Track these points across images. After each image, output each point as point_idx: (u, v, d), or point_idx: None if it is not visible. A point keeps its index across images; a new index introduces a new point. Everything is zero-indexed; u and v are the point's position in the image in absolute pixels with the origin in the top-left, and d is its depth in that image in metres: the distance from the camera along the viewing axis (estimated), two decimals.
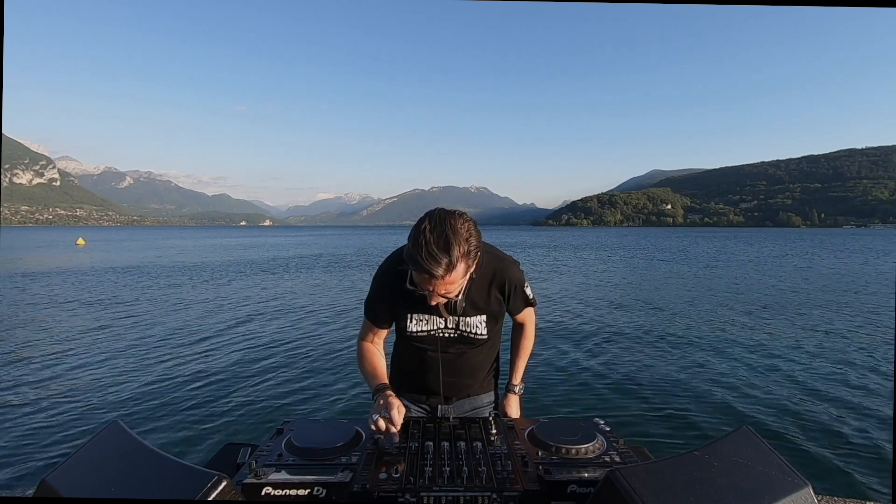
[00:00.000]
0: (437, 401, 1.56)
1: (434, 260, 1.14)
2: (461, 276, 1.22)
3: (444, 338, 1.44)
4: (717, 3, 0.78)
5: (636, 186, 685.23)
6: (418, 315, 1.43)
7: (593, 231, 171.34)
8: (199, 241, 53.30)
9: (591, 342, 7.06)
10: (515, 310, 1.55)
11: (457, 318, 1.42)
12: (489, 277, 1.42)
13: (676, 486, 0.73)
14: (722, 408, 4.51)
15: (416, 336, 1.44)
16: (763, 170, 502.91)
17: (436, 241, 1.15)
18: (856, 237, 73.08)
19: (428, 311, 1.41)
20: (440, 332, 1.44)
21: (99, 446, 0.87)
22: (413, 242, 1.17)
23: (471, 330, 1.43)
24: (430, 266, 1.14)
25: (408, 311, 1.43)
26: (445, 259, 1.15)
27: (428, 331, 1.44)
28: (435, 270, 1.15)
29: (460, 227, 1.18)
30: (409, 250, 1.18)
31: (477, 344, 1.47)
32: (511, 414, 1.60)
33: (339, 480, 0.91)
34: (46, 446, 3.72)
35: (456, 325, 1.43)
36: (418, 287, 1.25)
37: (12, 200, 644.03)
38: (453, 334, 1.44)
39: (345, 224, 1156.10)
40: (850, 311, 9.87)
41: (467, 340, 1.45)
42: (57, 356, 6.27)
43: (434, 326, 1.43)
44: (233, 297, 11.79)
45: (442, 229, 1.17)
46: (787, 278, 16.21)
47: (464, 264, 1.20)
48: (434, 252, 1.14)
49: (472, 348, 1.49)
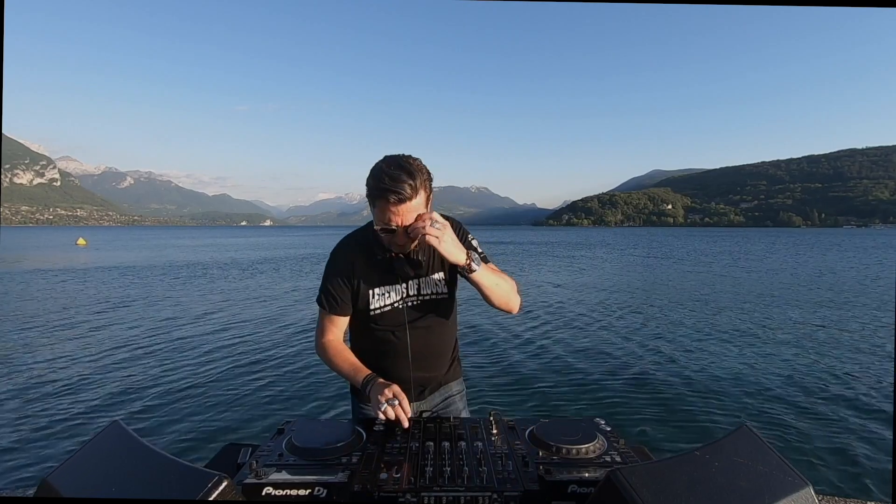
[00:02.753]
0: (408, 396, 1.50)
1: (399, 181, 1.18)
2: (423, 206, 1.25)
3: (409, 307, 1.42)
4: (717, 4, 0.78)
5: (637, 186, 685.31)
6: (381, 289, 1.41)
7: (593, 231, 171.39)
8: (200, 242, 53.35)
9: (592, 342, 7.06)
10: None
11: (417, 282, 1.42)
12: None
13: (676, 485, 0.73)
14: (722, 407, 4.51)
15: (381, 313, 1.42)
16: (763, 170, 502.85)
17: (396, 168, 1.21)
18: (856, 237, 73.05)
19: (390, 282, 1.40)
20: (403, 301, 1.42)
21: (99, 446, 0.87)
22: (374, 177, 1.22)
23: (432, 290, 1.43)
24: (396, 186, 1.18)
25: (370, 287, 1.40)
26: (409, 181, 1.19)
27: (392, 304, 1.41)
28: (402, 190, 1.18)
29: (413, 161, 1.25)
30: (372, 184, 1.22)
31: (441, 307, 1.46)
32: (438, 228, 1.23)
33: (339, 480, 0.91)
34: (46, 446, 3.72)
35: (418, 289, 1.42)
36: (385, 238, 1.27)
37: (12, 200, 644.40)
38: (416, 301, 1.43)
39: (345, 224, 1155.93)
40: (850, 310, 9.87)
41: (431, 304, 1.44)
42: (57, 356, 6.27)
43: (398, 297, 1.42)
44: (233, 296, 11.80)
45: (398, 161, 1.23)
46: (787, 278, 16.21)
47: (424, 192, 1.24)
48: (397, 175, 1.19)
49: (436, 317, 1.46)
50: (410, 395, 1.46)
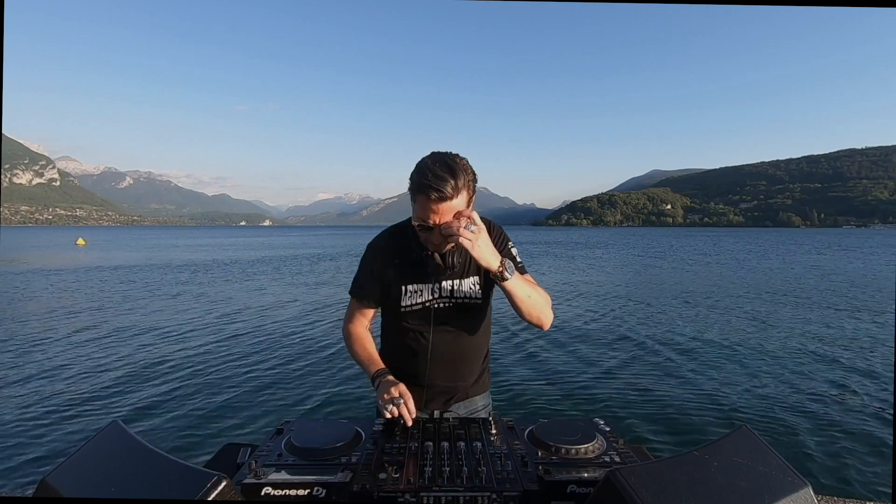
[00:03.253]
0: (432, 406, 1.45)
1: (442, 179, 1.18)
2: (464, 206, 1.24)
3: (438, 309, 1.39)
4: (717, 4, 0.78)
5: (636, 186, 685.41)
6: (412, 286, 1.39)
7: (593, 231, 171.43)
8: (199, 242, 53.34)
9: (591, 342, 7.06)
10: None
11: (451, 284, 1.39)
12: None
13: (676, 486, 0.73)
14: (722, 408, 4.51)
15: (410, 311, 1.40)
16: (763, 170, 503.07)
17: (440, 167, 1.20)
18: (855, 237, 73.09)
19: (423, 280, 1.38)
20: (435, 302, 1.39)
21: (99, 446, 0.87)
22: (418, 172, 1.22)
23: (465, 294, 1.40)
24: (438, 184, 1.18)
25: (401, 283, 1.39)
26: (451, 180, 1.19)
27: (422, 303, 1.39)
28: (444, 189, 1.18)
29: (459, 161, 1.24)
30: (415, 179, 1.22)
31: (473, 312, 1.42)
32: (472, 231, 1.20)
33: (338, 480, 0.91)
34: (46, 446, 3.72)
35: (451, 291, 1.39)
36: (421, 235, 1.28)
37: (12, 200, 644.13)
38: (448, 303, 1.40)
39: (345, 224, 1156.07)
40: (850, 310, 9.87)
41: (462, 309, 1.41)
42: (57, 356, 6.27)
43: (429, 297, 1.39)
44: (233, 296, 11.80)
45: (444, 159, 1.23)
46: (787, 278, 16.22)
47: (466, 193, 1.23)
48: (440, 174, 1.19)
49: (467, 323, 1.43)
50: (423, 398, 1.44)
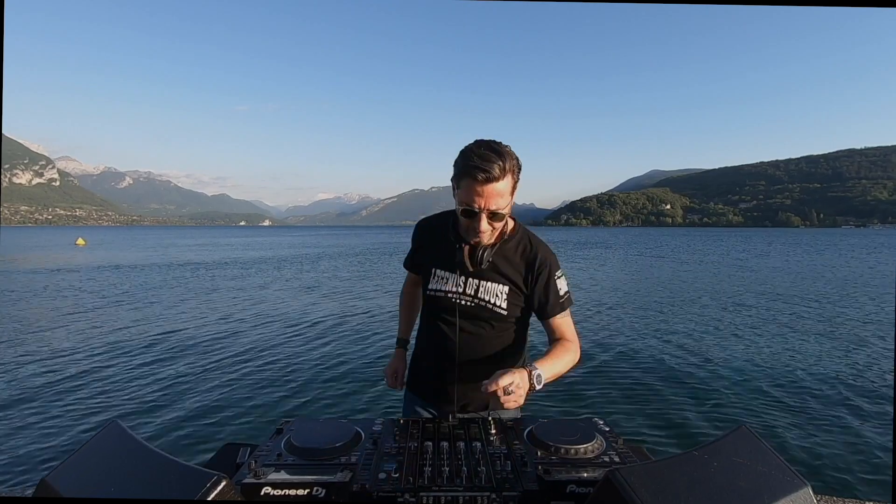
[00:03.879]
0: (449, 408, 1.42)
1: (489, 160, 1.20)
2: (509, 192, 1.25)
3: (461, 305, 1.39)
4: (717, 4, 0.78)
5: (635, 186, 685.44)
6: (441, 272, 1.42)
7: (592, 231, 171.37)
8: (199, 241, 53.31)
9: (591, 342, 7.06)
10: (544, 305, 1.38)
11: (476, 283, 1.38)
12: (520, 245, 1.40)
13: (675, 485, 0.73)
14: (721, 408, 4.52)
15: (436, 296, 1.42)
16: (762, 170, 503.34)
17: (487, 149, 1.22)
18: (854, 237, 73.10)
19: (450, 268, 1.40)
20: (458, 297, 1.39)
21: (99, 446, 0.87)
22: (463, 155, 1.24)
23: (489, 299, 1.37)
24: (485, 165, 1.19)
25: (432, 266, 1.44)
26: (499, 161, 1.20)
27: (446, 291, 1.40)
28: (491, 169, 1.19)
29: (505, 146, 1.26)
30: (461, 163, 1.24)
31: (496, 320, 1.38)
32: (511, 385, 1.13)
33: (338, 480, 0.91)
34: (46, 446, 3.72)
35: (475, 291, 1.38)
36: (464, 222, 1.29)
37: (12, 200, 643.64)
38: (471, 302, 1.38)
39: (344, 224, 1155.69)
40: (851, 309, 9.88)
41: (485, 312, 1.38)
42: (56, 356, 6.26)
43: (453, 287, 1.39)
44: (233, 296, 11.79)
45: (489, 143, 1.25)
46: (787, 277, 16.23)
47: (511, 178, 1.25)
48: (487, 155, 1.20)
49: (490, 328, 1.39)
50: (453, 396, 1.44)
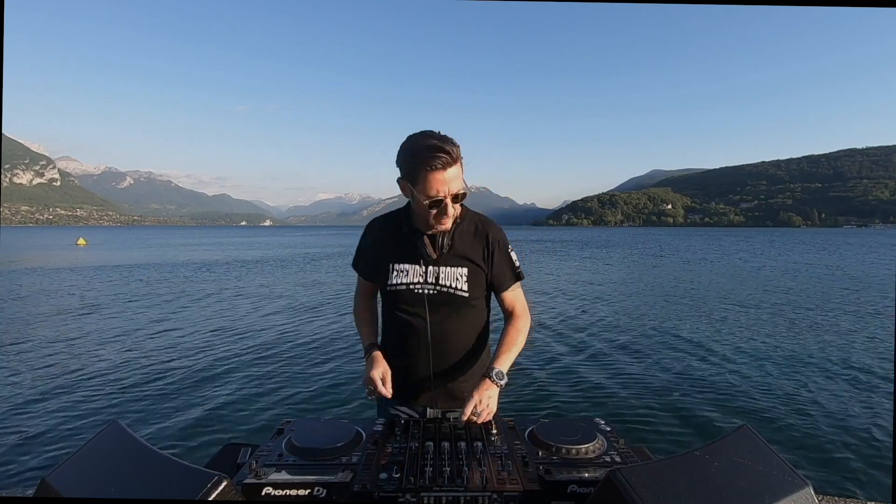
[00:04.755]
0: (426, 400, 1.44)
1: (441, 149, 1.20)
2: (461, 176, 1.26)
3: (428, 295, 1.37)
4: (717, 3, 0.78)
5: (636, 186, 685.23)
6: (399, 265, 1.40)
7: (593, 231, 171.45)
8: (199, 241, 53.35)
9: (592, 342, 7.06)
10: (501, 278, 1.43)
11: (436, 270, 1.37)
12: (473, 228, 1.43)
13: (676, 485, 0.73)
14: (722, 407, 4.51)
15: (398, 291, 1.39)
16: (763, 170, 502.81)
17: (431, 139, 1.22)
18: (856, 236, 73.06)
19: (410, 260, 1.39)
20: (419, 287, 1.37)
21: (99, 446, 0.87)
22: (410, 150, 1.24)
23: (450, 283, 1.37)
24: (440, 153, 1.19)
25: (390, 262, 1.41)
26: (448, 146, 1.21)
27: (408, 284, 1.38)
28: (447, 154, 1.20)
29: (440, 133, 1.26)
30: (411, 157, 1.23)
31: (460, 305, 1.39)
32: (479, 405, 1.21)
33: (339, 480, 0.91)
34: (46, 446, 3.72)
35: (436, 278, 1.37)
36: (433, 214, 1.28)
37: (12, 200, 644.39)
38: (433, 290, 1.37)
39: (345, 224, 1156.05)
40: (850, 309, 9.86)
41: (448, 298, 1.37)
42: (57, 356, 6.26)
43: (413, 279, 1.38)
44: (233, 296, 11.79)
45: (427, 133, 1.25)
46: (788, 277, 16.21)
47: (460, 160, 1.25)
48: (436, 144, 1.20)
49: (455, 313, 1.39)
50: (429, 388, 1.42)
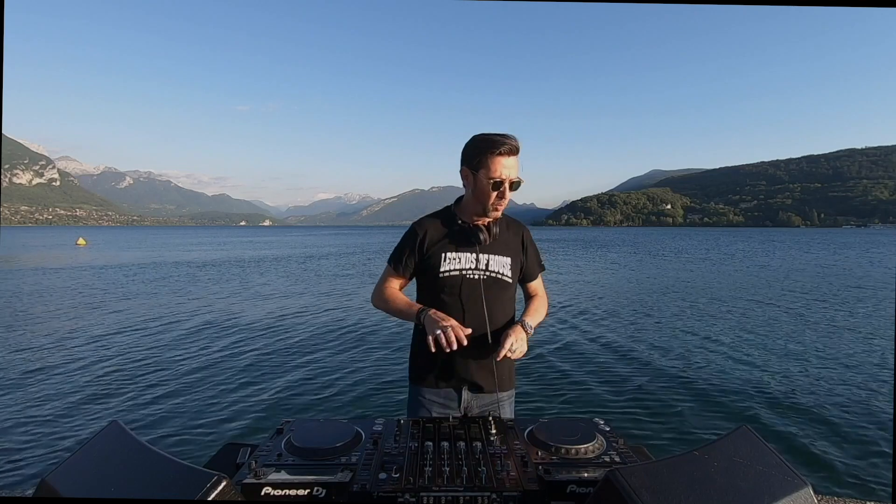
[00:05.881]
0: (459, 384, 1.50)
1: (509, 137, 1.36)
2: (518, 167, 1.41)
3: (472, 280, 1.48)
4: (717, 3, 0.78)
5: (636, 186, 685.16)
6: (452, 254, 1.50)
7: (593, 231, 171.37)
8: (199, 241, 53.33)
9: (591, 341, 7.06)
10: (532, 268, 1.63)
11: (487, 258, 1.50)
12: (513, 228, 1.60)
13: (676, 486, 0.73)
14: (721, 407, 4.51)
15: (448, 276, 1.48)
16: (763, 170, 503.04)
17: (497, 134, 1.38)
18: (855, 236, 73.07)
19: (462, 248, 1.50)
20: (473, 272, 1.48)
21: (99, 446, 0.87)
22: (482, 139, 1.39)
23: (499, 269, 1.50)
24: (509, 140, 1.35)
25: (442, 251, 1.50)
26: (514, 138, 1.37)
27: (460, 270, 1.48)
28: (514, 142, 1.36)
29: None
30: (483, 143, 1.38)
31: (503, 288, 1.51)
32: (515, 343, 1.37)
33: (338, 480, 0.91)
34: (46, 446, 3.72)
35: (486, 265, 1.50)
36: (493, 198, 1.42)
37: (12, 200, 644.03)
38: (484, 275, 1.49)
39: (345, 224, 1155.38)
40: (850, 309, 9.87)
41: (495, 284, 1.50)
42: (57, 356, 6.26)
43: (465, 265, 1.49)
44: (233, 296, 11.79)
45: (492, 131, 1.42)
46: (787, 277, 16.22)
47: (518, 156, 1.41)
48: (505, 134, 1.37)
49: (498, 300, 1.50)
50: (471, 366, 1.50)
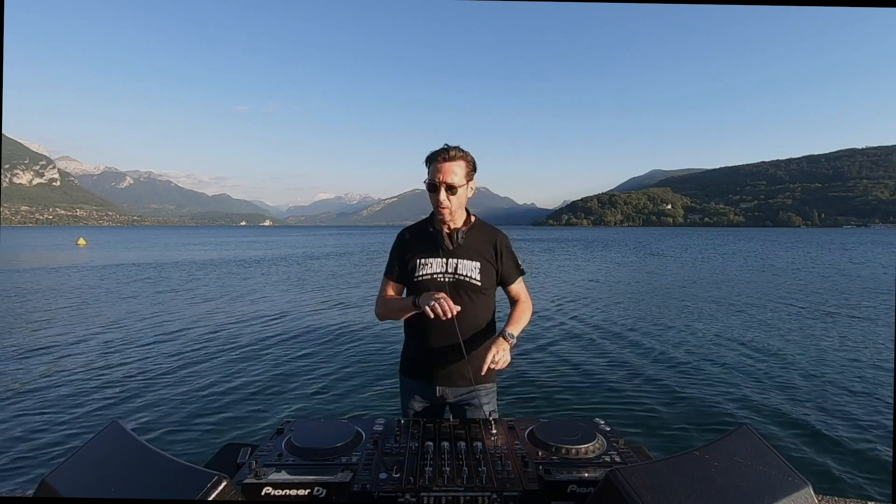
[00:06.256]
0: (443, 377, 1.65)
1: (445, 149, 1.57)
2: (463, 174, 1.58)
3: (447, 282, 1.63)
4: (718, 3, 0.78)
5: (636, 186, 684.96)
6: (424, 259, 1.66)
7: (593, 231, 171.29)
8: (200, 241, 53.31)
9: (591, 341, 7.06)
10: (509, 273, 1.72)
11: (455, 262, 1.64)
12: (485, 234, 1.72)
13: (676, 485, 0.73)
14: (722, 407, 4.51)
15: (422, 281, 1.64)
16: (763, 170, 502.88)
17: (446, 146, 1.59)
18: (856, 236, 73.04)
19: (433, 254, 1.66)
20: (441, 276, 1.63)
21: (99, 446, 0.87)
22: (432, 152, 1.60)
23: (466, 273, 1.64)
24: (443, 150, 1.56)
25: (417, 257, 1.67)
26: (453, 149, 1.57)
27: (432, 274, 1.64)
28: (447, 151, 1.55)
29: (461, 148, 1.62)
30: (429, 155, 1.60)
31: (473, 291, 1.64)
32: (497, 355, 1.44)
33: (339, 480, 0.91)
34: (46, 446, 3.72)
35: (455, 269, 1.63)
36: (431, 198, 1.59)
37: (12, 200, 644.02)
38: (451, 279, 1.63)
39: (345, 224, 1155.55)
40: (851, 309, 9.86)
41: (464, 287, 1.63)
42: (57, 356, 6.26)
43: (436, 270, 1.64)
44: (234, 296, 11.79)
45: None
46: (787, 277, 16.21)
47: (465, 165, 1.59)
48: (446, 146, 1.57)
49: (469, 300, 1.63)
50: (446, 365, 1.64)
